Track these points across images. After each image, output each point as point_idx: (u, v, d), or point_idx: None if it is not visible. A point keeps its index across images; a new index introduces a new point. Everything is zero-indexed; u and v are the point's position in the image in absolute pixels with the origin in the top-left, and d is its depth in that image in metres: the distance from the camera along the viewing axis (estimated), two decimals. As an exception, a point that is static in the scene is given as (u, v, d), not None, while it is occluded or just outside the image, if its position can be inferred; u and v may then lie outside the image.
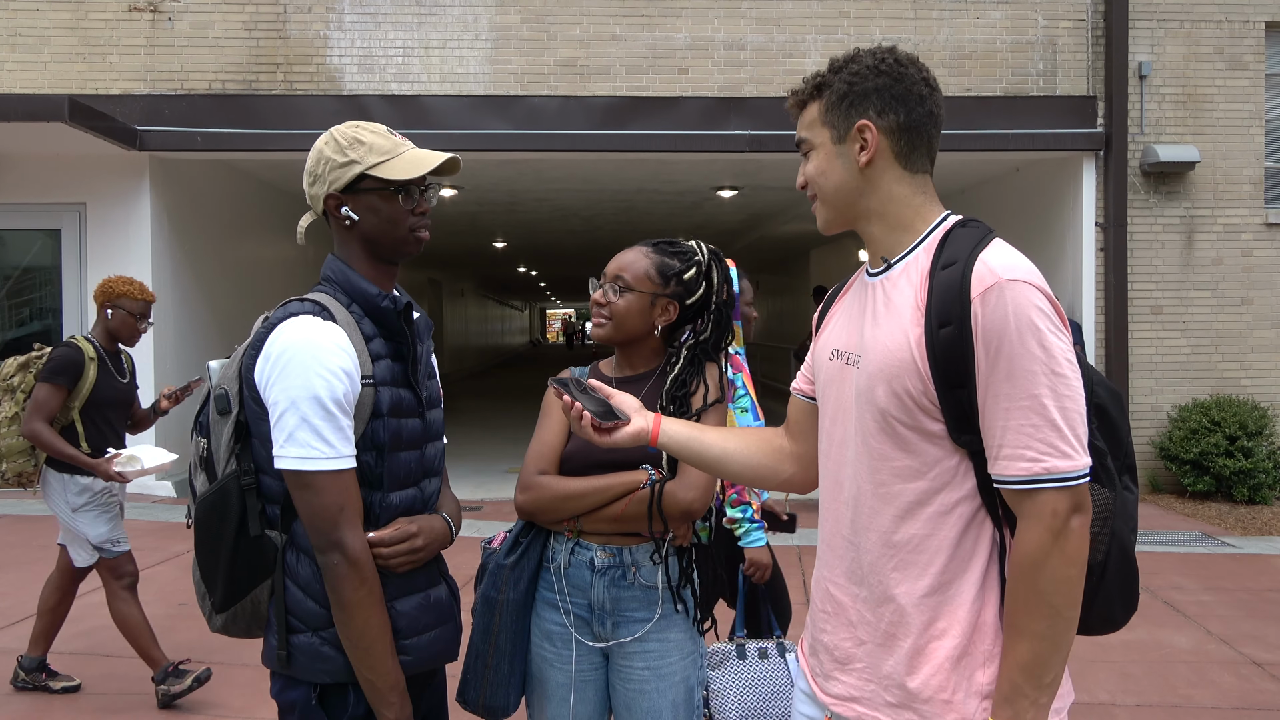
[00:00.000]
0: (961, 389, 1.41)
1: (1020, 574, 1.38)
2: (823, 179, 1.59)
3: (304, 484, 1.68)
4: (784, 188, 11.12)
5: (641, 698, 2.10)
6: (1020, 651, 1.37)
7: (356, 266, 1.84)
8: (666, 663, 2.11)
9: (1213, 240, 8.69)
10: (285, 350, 1.69)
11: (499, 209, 12.83)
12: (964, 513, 1.45)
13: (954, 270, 1.42)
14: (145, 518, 7.41)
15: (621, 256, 2.22)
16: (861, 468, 1.53)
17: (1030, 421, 1.35)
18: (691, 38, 8.50)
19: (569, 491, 2.08)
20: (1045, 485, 1.36)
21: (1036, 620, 1.36)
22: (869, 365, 1.51)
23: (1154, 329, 8.68)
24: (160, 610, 5.11)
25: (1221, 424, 8.04)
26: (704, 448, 1.79)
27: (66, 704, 3.92)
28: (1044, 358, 1.35)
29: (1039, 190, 9.40)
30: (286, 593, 1.76)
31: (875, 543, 1.51)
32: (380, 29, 8.41)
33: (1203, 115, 8.66)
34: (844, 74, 1.55)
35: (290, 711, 1.78)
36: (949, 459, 1.45)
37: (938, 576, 1.45)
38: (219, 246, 9.64)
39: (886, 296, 1.53)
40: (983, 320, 1.37)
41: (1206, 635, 4.82)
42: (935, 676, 1.44)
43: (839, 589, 1.58)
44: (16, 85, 8.22)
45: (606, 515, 2.06)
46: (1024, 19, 8.58)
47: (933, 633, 1.45)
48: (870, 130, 1.52)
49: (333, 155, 1.81)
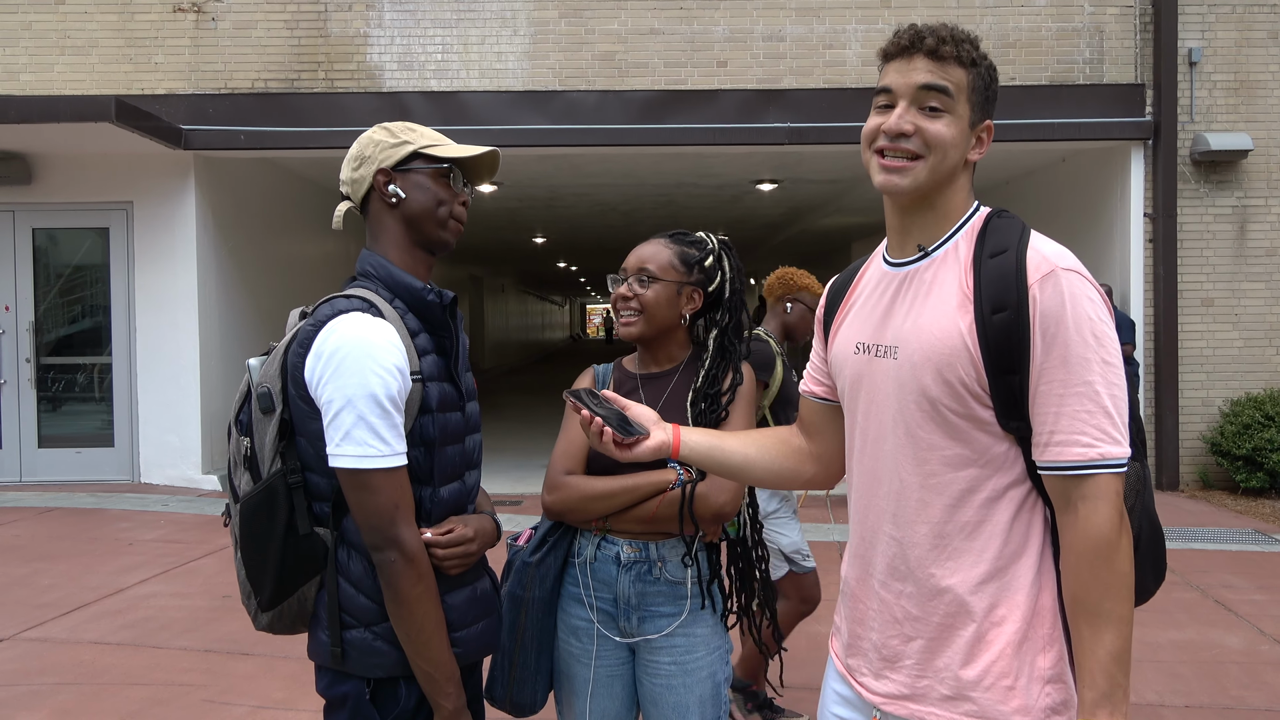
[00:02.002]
0: (1013, 374, 1.40)
1: (1097, 557, 1.36)
2: (951, 150, 1.47)
3: (360, 483, 1.68)
4: (825, 180, 11.02)
5: (669, 693, 2.10)
6: (1108, 640, 1.35)
7: (394, 258, 1.85)
8: (693, 658, 2.11)
9: (1266, 230, 8.47)
10: (339, 348, 1.68)
11: (538, 204, 12.87)
12: (1015, 496, 1.45)
13: (1006, 258, 1.42)
14: (190, 510, 7.54)
15: (640, 250, 2.20)
16: (905, 460, 1.51)
17: (1085, 408, 1.36)
18: (730, 30, 8.44)
19: (597, 491, 2.08)
20: (1103, 470, 1.36)
21: (1121, 603, 1.36)
22: (912, 355, 1.48)
23: (1205, 321, 8.48)
24: (204, 603, 5.19)
25: (1276, 418, 7.83)
26: (726, 456, 1.76)
27: (114, 695, 3.99)
28: (1097, 346, 1.37)
29: (1086, 181, 9.23)
30: (339, 589, 1.76)
31: (925, 535, 1.49)
32: (420, 26, 8.45)
33: (1255, 102, 8.44)
34: (985, 64, 1.52)
35: (340, 706, 1.79)
36: (998, 444, 1.44)
37: (993, 562, 1.45)
38: (262, 243, 9.77)
39: (926, 285, 1.50)
40: (1041, 306, 1.38)
41: (1260, 635, 4.70)
42: (997, 663, 1.43)
43: (882, 586, 1.56)
44: (66, 87, 8.38)
45: (636, 516, 2.06)
46: (1070, 6, 8.41)
47: (992, 619, 1.44)
48: (989, 133, 1.54)
49: (384, 139, 1.85)
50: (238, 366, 9.00)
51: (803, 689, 3.97)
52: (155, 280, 8.56)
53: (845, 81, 8.35)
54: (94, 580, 5.60)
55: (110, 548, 6.38)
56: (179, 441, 8.55)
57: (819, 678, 1.89)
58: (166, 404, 8.53)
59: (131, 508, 7.63)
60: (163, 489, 8.40)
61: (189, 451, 8.55)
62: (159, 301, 8.55)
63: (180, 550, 6.32)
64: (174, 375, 8.52)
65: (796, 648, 4.27)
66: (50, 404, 8.84)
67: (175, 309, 8.49)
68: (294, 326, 1.82)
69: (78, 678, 4.17)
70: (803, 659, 4.25)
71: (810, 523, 7.12)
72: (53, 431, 8.85)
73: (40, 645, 4.54)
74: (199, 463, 8.53)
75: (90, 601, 5.19)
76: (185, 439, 8.55)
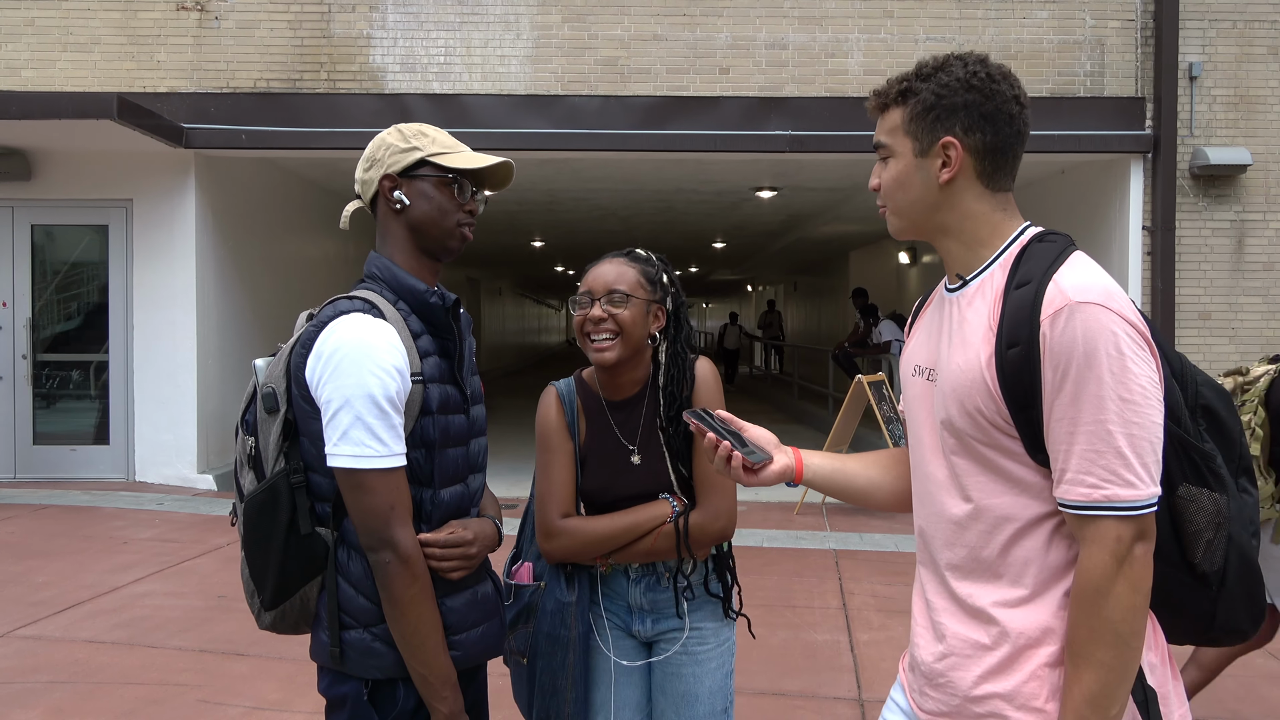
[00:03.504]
0: (1031, 410, 1.38)
1: (1085, 601, 1.34)
2: (899, 191, 1.54)
3: (356, 483, 1.69)
4: (824, 188, 11.04)
5: (678, 681, 2.20)
6: (1086, 682, 1.34)
7: (400, 261, 1.85)
8: (704, 649, 2.21)
9: (1264, 245, 8.50)
10: (338, 349, 1.69)
11: (538, 208, 12.87)
12: (1050, 525, 1.43)
13: (1027, 290, 1.39)
14: (185, 510, 7.52)
15: (603, 270, 2.17)
16: (944, 483, 1.52)
17: (1094, 447, 1.32)
18: (733, 37, 8.46)
19: (600, 535, 2.13)
20: (1106, 513, 1.33)
21: (1103, 649, 1.33)
22: (944, 384, 1.49)
23: (1202, 335, 8.50)
24: (200, 603, 5.18)
25: (1271, 433, 7.85)
26: (849, 480, 1.76)
27: (109, 694, 3.98)
28: (1112, 383, 1.32)
29: (1085, 193, 9.25)
30: (339, 590, 1.77)
31: (963, 557, 1.50)
32: (422, 28, 8.46)
33: (1255, 117, 8.47)
34: (933, 83, 1.49)
35: (340, 706, 1.79)
36: (1031, 475, 1.43)
37: (1029, 588, 1.44)
38: (262, 243, 9.76)
39: (961, 314, 1.50)
40: (1050, 343, 1.35)
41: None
42: (1028, 684, 1.42)
43: (928, 604, 1.57)
44: (68, 83, 8.36)
45: (638, 551, 2.13)
46: (1071, 19, 8.44)
47: (1026, 641, 1.43)
48: (955, 148, 1.48)
49: (395, 142, 1.85)
50: (235, 366, 8.99)
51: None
52: (154, 278, 8.54)
53: (847, 90, 8.37)
54: (88, 578, 5.59)
55: (105, 546, 6.36)
56: (175, 440, 8.53)
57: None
58: (163, 402, 8.51)
59: (126, 506, 7.60)
60: (158, 488, 8.37)
61: (185, 450, 8.53)
62: (157, 300, 8.53)
63: (176, 550, 6.30)
64: (171, 374, 8.50)
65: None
66: (46, 401, 8.82)
67: (173, 307, 8.48)
68: (301, 328, 1.83)
69: (72, 676, 4.16)
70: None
71: (806, 530, 7.13)
72: (48, 429, 8.82)
73: (34, 643, 4.53)
74: (194, 462, 8.51)
75: (85, 600, 5.17)
76: (181, 438, 8.52)
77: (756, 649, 4.54)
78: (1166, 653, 1.49)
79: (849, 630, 4.89)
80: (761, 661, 4.40)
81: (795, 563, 6.20)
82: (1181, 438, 1.41)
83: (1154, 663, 1.44)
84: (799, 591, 5.55)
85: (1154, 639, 1.46)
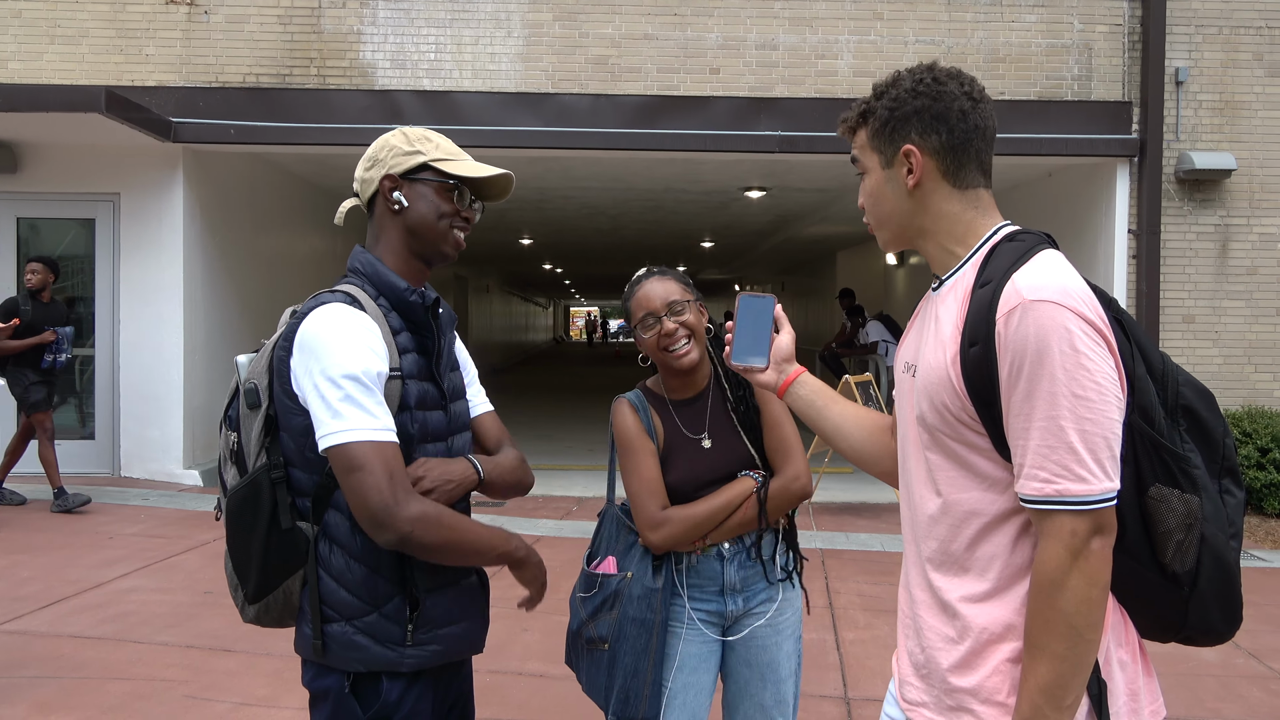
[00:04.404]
0: (994, 406, 1.42)
1: (1040, 593, 1.37)
2: (876, 204, 1.63)
3: (349, 462, 1.66)
4: (813, 189, 11.07)
5: (762, 652, 2.38)
6: (1041, 672, 1.37)
7: (388, 260, 1.87)
8: (783, 619, 2.40)
9: (1248, 249, 8.58)
10: (316, 335, 1.72)
11: (527, 206, 12.86)
12: (1018, 521, 1.46)
13: (988, 290, 1.43)
14: (171, 505, 7.50)
15: (655, 289, 2.36)
16: (921, 477, 1.56)
17: (1046, 443, 1.35)
18: (723, 37, 8.48)
19: (700, 516, 2.30)
20: (1059, 507, 1.35)
21: (1057, 640, 1.36)
22: (919, 380, 1.54)
23: (1186, 338, 8.57)
24: (186, 598, 5.17)
25: (1253, 435, 7.93)
26: (820, 416, 1.86)
27: (95, 687, 3.97)
28: (1065, 379, 1.34)
29: (1071, 196, 9.31)
30: (320, 583, 1.78)
31: (934, 550, 1.54)
32: (413, 25, 8.45)
33: (1240, 122, 8.55)
34: (885, 99, 1.57)
35: (323, 699, 1.80)
36: (998, 470, 1.46)
37: (995, 582, 1.47)
38: (250, 239, 9.72)
39: (937, 313, 1.55)
40: (1005, 340, 1.38)
41: (1235, 649, 4.76)
42: (992, 678, 1.45)
43: (908, 596, 1.61)
44: (55, 76, 8.32)
45: (731, 525, 2.31)
46: (1059, 23, 8.49)
47: (989, 637, 1.46)
48: (915, 154, 1.54)
49: (399, 144, 1.87)
50: (222, 361, 8.95)
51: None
52: (141, 273, 8.50)
53: (837, 92, 8.40)
54: (74, 574, 5.57)
55: (90, 541, 6.34)
56: (161, 435, 8.49)
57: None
58: (149, 398, 8.47)
59: (112, 501, 7.57)
60: (143, 483, 8.34)
61: (170, 446, 8.49)
62: (144, 294, 8.49)
63: (162, 545, 6.28)
64: (157, 369, 8.46)
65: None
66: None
67: (160, 302, 8.44)
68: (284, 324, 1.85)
69: (58, 671, 4.15)
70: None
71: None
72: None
73: (19, 638, 4.51)
74: (180, 457, 8.47)
75: (70, 595, 5.16)
76: (167, 433, 8.49)
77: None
78: (1139, 649, 1.51)
79: (835, 629, 4.92)
80: (748, 659, 4.42)
81: (782, 561, 6.22)
82: (1154, 438, 1.42)
83: (1125, 659, 1.47)
84: (785, 590, 5.57)
85: (1125, 635, 1.48)
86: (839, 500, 8.31)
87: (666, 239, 17.25)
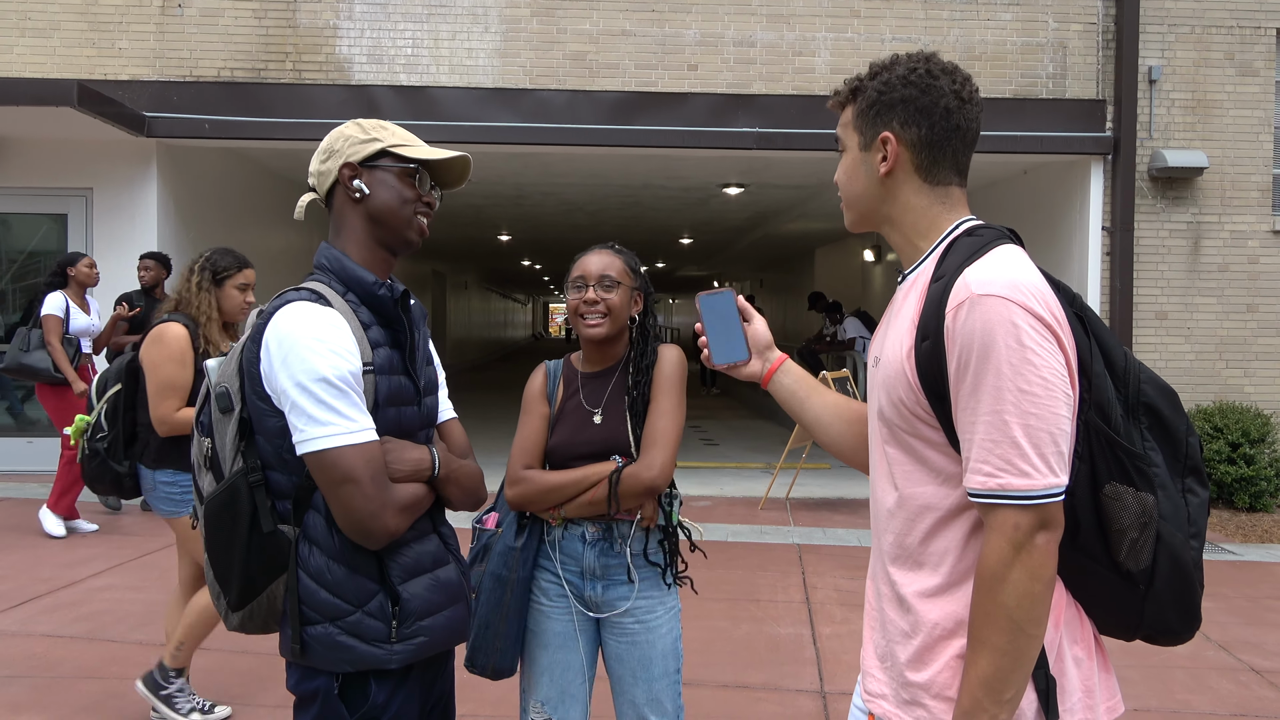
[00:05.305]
0: (945, 401, 1.42)
1: (982, 586, 1.37)
2: (847, 183, 1.64)
3: (333, 468, 1.67)
4: (790, 185, 11.10)
5: (634, 649, 2.43)
6: (981, 665, 1.36)
7: (353, 254, 1.85)
8: (654, 617, 2.44)
9: (1219, 247, 8.68)
10: (285, 337, 1.69)
11: (505, 202, 12.83)
12: (971, 517, 1.45)
13: (940, 285, 1.43)
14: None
15: (596, 259, 2.46)
16: (882, 471, 1.57)
17: (991, 437, 1.36)
18: (701, 34, 8.48)
19: (552, 484, 2.38)
20: (1002, 501, 1.36)
21: (998, 634, 1.35)
22: (879, 373, 1.55)
23: (1159, 334, 8.67)
24: (160, 596, 5.12)
25: (1224, 430, 8.03)
26: (802, 406, 1.87)
27: (68, 688, 3.93)
28: (1010, 374, 1.34)
29: (1046, 193, 9.39)
30: (300, 584, 1.76)
31: (891, 544, 1.54)
32: (390, 20, 8.40)
33: (1212, 121, 8.64)
34: (877, 81, 1.56)
35: (310, 702, 1.78)
36: (952, 465, 1.46)
37: (947, 576, 1.47)
38: (225, 234, 9.63)
39: (899, 307, 1.55)
40: (952, 335, 1.39)
41: (1205, 641, 4.82)
42: (942, 674, 1.45)
43: (872, 589, 1.62)
44: (26, 69, 8.22)
45: (582, 502, 2.36)
46: (1034, 21, 8.56)
47: (940, 632, 1.46)
48: (891, 142, 1.54)
49: (355, 134, 1.86)
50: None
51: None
52: (115, 268, 8.39)
53: (814, 88, 8.43)
54: (46, 572, 5.51)
55: (63, 539, 6.27)
56: (135, 433, 8.39)
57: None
58: (123, 394, 8.37)
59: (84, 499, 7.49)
60: (117, 481, 8.24)
61: (145, 443, 8.40)
62: (117, 290, 8.38)
63: (136, 544, 6.23)
64: (131, 365, 8.36)
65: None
66: (1, 392, 8.66)
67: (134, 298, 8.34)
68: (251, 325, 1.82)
69: (30, 670, 4.11)
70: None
71: (771, 525, 7.18)
72: (3, 420, 8.67)
73: (-9, 637, 4.46)
74: (155, 455, 8.38)
75: (43, 594, 5.10)
76: (141, 430, 8.39)
77: (721, 642, 4.58)
78: (1095, 646, 1.51)
79: (812, 624, 4.95)
80: (725, 654, 4.43)
81: (759, 557, 6.25)
82: (1109, 435, 1.41)
83: (1080, 656, 1.46)
84: (763, 585, 5.60)
85: (1081, 632, 1.48)
86: (816, 496, 8.35)
87: (645, 235, 17.25)
